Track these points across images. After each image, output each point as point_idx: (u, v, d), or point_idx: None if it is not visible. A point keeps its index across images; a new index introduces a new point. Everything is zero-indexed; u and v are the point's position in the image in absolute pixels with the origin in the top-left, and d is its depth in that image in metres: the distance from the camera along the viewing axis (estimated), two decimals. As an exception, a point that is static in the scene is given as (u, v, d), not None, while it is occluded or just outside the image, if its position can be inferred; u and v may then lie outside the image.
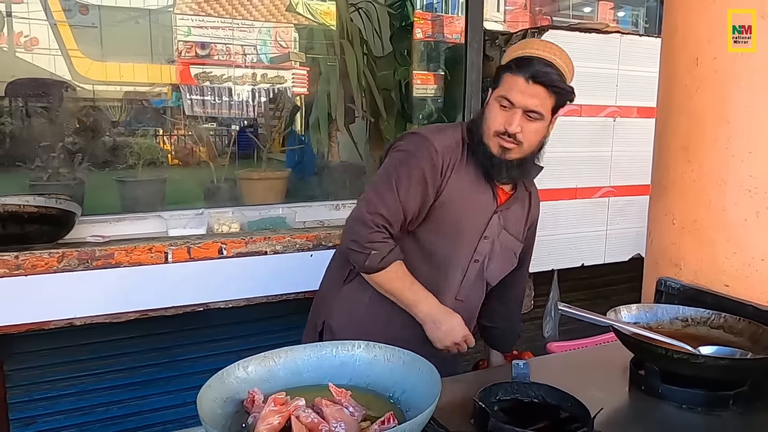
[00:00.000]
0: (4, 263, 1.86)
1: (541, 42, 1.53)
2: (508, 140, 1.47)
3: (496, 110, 1.48)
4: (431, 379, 1.00)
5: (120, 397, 2.85)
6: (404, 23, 3.00)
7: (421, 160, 1.48)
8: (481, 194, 1.56)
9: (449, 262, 1.57)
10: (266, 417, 0.91)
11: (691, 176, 1.58)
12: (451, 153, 1.52)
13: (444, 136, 1.54)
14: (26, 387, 2.66)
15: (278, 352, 1.12)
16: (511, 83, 1.45)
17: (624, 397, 1.29)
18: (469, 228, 1.56)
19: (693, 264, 1.59)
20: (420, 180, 1.48)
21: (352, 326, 1.59)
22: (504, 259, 1.66)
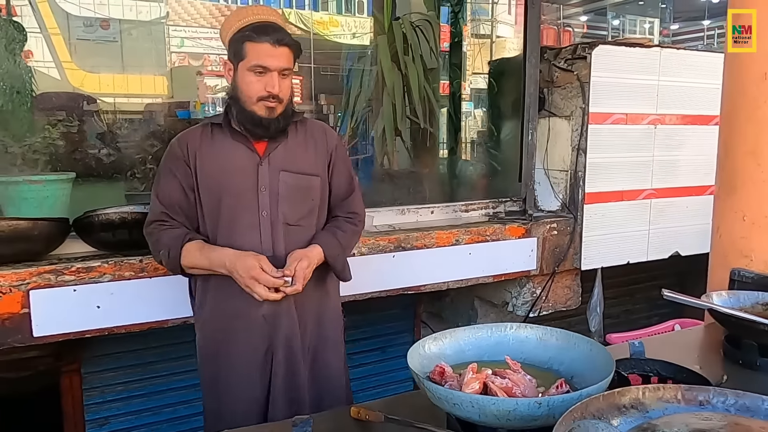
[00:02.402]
0: (130, 266, 2.03)
1: (258, 7, 1.66)
2: (272, 102, 1.59)
3: (253, 79, 1.58)
4: (591, 351, 1.19)
5: (187, 398, 2.99)
6: (456, 39, 3.20)
7: (165, 160, 1.68)
8: (237, 153, 1.64)
9: (238, 224, 1.64)
10: (469, 383, 1.09)
11: (760, 177, 1.79)
12: (192, 140, 1.65)
13: (184, 133, 1.70)
14: (101, 389, 2.80)
15: (444, 333, 1.30)
16: (258, 51, 1.56)
17: (723, 370, 1.48)
18: (238, 188, 1.63)
19: (764, 255, 1.80)
20: (168, 173, 1.66)
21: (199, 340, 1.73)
22: (294, 199, 1.68)
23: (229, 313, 1.68)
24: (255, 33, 1.57)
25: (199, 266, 1.63)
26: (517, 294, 3.05)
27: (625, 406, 0.92)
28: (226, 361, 1.68)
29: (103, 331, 2.05)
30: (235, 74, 1.62)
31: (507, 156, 3.18)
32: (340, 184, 1.80)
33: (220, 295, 1.68)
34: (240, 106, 1.62)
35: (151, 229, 1.68)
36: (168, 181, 1.66)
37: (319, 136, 1.76)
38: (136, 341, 2.70)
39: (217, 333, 1.70)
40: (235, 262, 1.56)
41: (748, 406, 0.89)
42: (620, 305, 3.84)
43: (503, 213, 3.02)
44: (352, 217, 1.82)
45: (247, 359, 1.68)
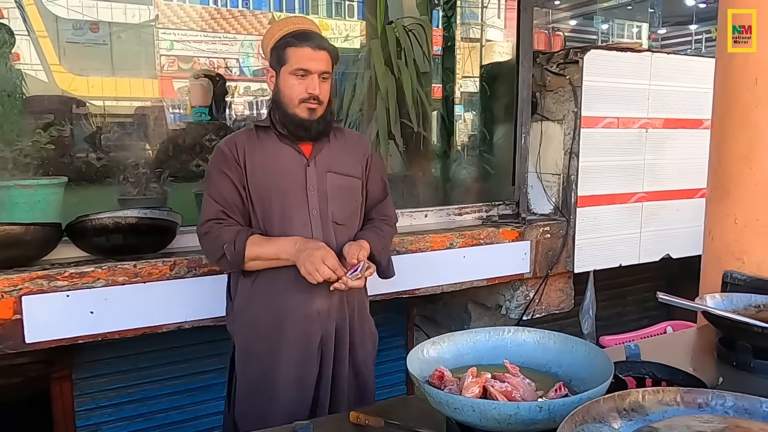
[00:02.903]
0: (124, 271, 2.01)
1: (298, 17, 1.81)
2: (313, 103, 1.68)
3: (295, 82, 1.67)
4: (589, 354, 1.20)
5: (179, 403, 2.98)
6: (449, 43, 3.22)
7: (215, 162, 1.73)
8: (285, 155, 1.72)
9: (290, 221, 1.70)
10: (469, 387, 1.10)
11: (752, 181, 1.81)
12: (240, 141, 1.72)
13: (231, 136, 1.78)
14: (93, 395, 2.78)
15: (443, 338, 1.30)
16: (300, 55, 1.66)
17: (717, 372, 1.49)
18: (288, 187, 1.71)
19: (756, 258, 1.82)
20: (220, 173, 1.70)
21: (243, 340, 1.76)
22: (342, 199, 1.77)
23: (283, 310, 1.71)
24: (296, 39, 1.67)
25: (265, 255, 1.67)
26: (510, 297, 3.07)
27: (625, 409, 0.92)
28: (277, 358, 1.71)
29: (97, 337, 2.03)
30: (278, 79, 1.71)
31: (500, 159, 3.20)
32: (375, 189, 1.89)
33: (272, 292, 1.71)
34: (283, 110, 1.70)
35: (207, 228, 1.69)
36: (221, 181, 1.70)
37: (357, 143, 1.87)
38: (128, 346, 2.67)
39: (271, 331, 1.71)
40: (307, 244, 1.64)
41: (747, 408, 0.90)
42: (611, 308, 3.87)
43: (497, 216, 3.03)
44: (387, 219, 1.91)
45: (302, 355, 1.72)
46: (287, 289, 1.70)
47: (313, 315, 1.72)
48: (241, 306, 1.75)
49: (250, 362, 1.74)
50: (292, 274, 1.66)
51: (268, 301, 1.72)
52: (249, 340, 1.75)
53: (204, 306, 2.13)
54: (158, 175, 2.50)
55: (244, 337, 1.76)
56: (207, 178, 1.75)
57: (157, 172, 2.52)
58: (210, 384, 3.01)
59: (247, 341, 1.75)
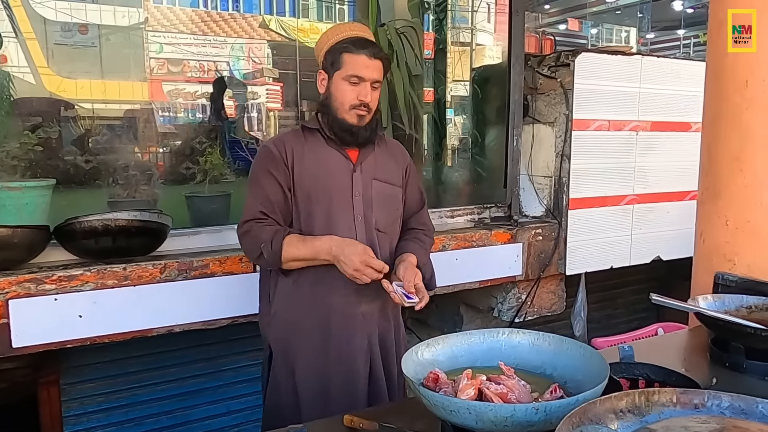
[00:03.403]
0: (113, 274, 1.99)
1: (354, 24, 1.81)
2: (363, 110, 1.67)
3: (347, 88, 1.66)
4: (584, 355, 1.19)
5: (169, 408, 2.94)
6: (441, 46, 3.22)
7: (262, 161, 1.71)
8: (334, 159, 1.72)
9: (335, 226, 1.69)
10: (464, 389, 1.09)
11: (743, 182, 1.82)
12: (288, 142, 1.71)
13: (279, 136, 1.78)
14: (81, 400, 2.74)
15: (437, 340, 1.29)
16: (356, 62, 1.65)
17: (710, 373, 1.50)
18: (334, 191, 1.70)
19: (746, 259, 1.83)
20: (266, 173, 1.68)
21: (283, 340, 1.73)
22: (386, 207, 1.78)
23: (329, 309, 1.71)
24: (353, 45, 1.66)
25: (302, 256, 1.65)
26: (502, 299, 3.07)
27: (622, 410, 0.92)
28: (326, 360, 1.71)
29: (86, 341, 2.01)
30: (329, 83, 1.70)
31: (492, 162, 3.20)
32: (413, 199, 1.90)
33: (318, 292, 1.70)
34: (332, 114, 1.69)
35: (248, 227, 1.68)
36: (267, 181, 1.69)
37: (398, 151, 1.87)
38: (117, 351, 2.64)
39: (316, 330, 1.71)
40: (343, 246, 1.62)
41: (743, 409, 0.90)
42: (601, 310, 3.88)
43: (489, 219, 3.03)
44: (425, 229, 1.91)
45: (350, 356, 1.72)
46: (333, 291, 1.70)
47: (358, 317, 1.73)
48: (281, 305, 1.73)
49: (295, 361, 1.73)
50: (336, 274, 1.65)
51: (314, 301, 1.71)
52: (291, 339, 1.73)
53: (195, 309, 2.11)
54: (148, 177, 2.47)
55: (284, 336, 1.74)
56: (252, 177, 1.73)
57: (146, 174, 2.50)
58: (201, 388, 2.98)
59: (288, 341, 1.73)
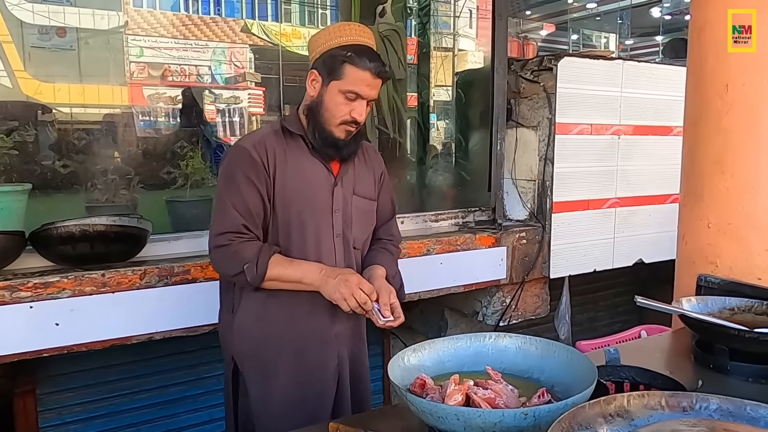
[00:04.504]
0: (92, 281, 1.94)
1: (360, 27, 1.61)
2: (353, 126, 1.57)
3: (342, 102, 1.53)
4: (571, 359, 1.19)
5: (150, 417, 2.89)
6: (424, 50, 3.22)
7: (240, 165, 1.54)
8: (316, 172, 1.61)
9: (312, 243, 1.61)
10: (451, 394, 1.07)
11: (725, 185, 1.83)
12: (269, 145, 1.56)
13: (255, 135, 1.61)
14: (58, 410, 2.68)
15: (423, 345, 1.28)
16: (359, 78, 1.52)
17: (695, 375, 1.50)
18: (316, 207, 1.61)
19: (729, 261, 1.84)
20: (246, 181, 1.53)
21: (252, 355, 1.64)
22: (363, 223, 1.71)
23: (304, 330, 1.64)
24: (358, 57, 1.51)
25: (286, 278, 1.55)
26: (487, 303, 3.06)
27: (611, 414, 0.91)
28: (297, 377, 1.64)
29: (62, 350, 1.96)
30: (323, 89, 1.56)
31: (476, 166, 3.21)
32: (385, 209, 1.82)
33: (295, 312, 1.63)
34: (320, 125, 1.57)
35: (226, 240, 1.53)
36: (247, 188, 1.54)
37: (374, 159, 1.77)
38: (96, 359, 2.59)
39: (286, 350, 1.63)
40: (333, 270, 1.55)
41: (731, 411, 0.90)
42: (584, 313, 3.91)
43: (473, 222, 3.03)
44: (393, 239, 1.84)
45: (321, 376, 1.66)
46: (308, 312, 1.62)
47: (332, 338, 1.67)
48: (248, 320, 1.63)
49: (264, 376, 1.65)
50: (310, 294, 1.58)
51: (287, 321, 1.63)
52: (260, 355, 1.65)
53: (175, 316, 2.07)
54: (128, 181, 2.43)
55: (251, 352, 1.65)
56: (228, 181, 1.56)
57: (126, 179, 2.45)
58: (182, 397, 2.94)
59: (257, 357, 1.65)
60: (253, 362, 1.66)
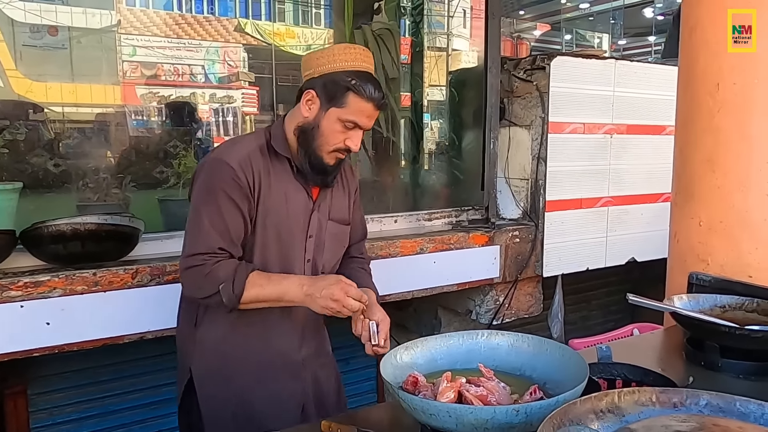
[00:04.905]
0: (83, 280, 1.93)
1: (365, 52, 1.54)
2: (344, 154, 1.54)
3: (338, 129, 1.48)
4: (563, 356, 1.19)
5: (142, 417, 2.88)
6: (418, 49, 3.22)
7: (222, 184, 1.45)
8: (296, 196, 1.56)
9: (285, 268, 1.56)
10: (443, 392, 1.08)
11: (716, 184, 1.84)
12: (255, 165, 1.49)
13: (238, 149, 1.51)
14: (49, 410, 2.67)
15: (416, 343, 1.28)
16: (361, 109, 1.46)
17: (686, 372, 1.51)
18: (294, 233, 1.56)
19: (720, 259, 1.85)
20: (228, 201, 1.46)
21: (213, 372, 1.58)
22: (334, 248, 1.67)
23: (270, 354, 1.60)
24: (363, 87, 1.45)
25: (264, 297, 1.48)
26: (480, 302, 3.07)
27: (602, 410, 0.91)
28: (259, 397, 1.59)
29: (53, 350, 1.94)
30: (320, 113, 1.48)
31: (469, 165, 3.21)
32: (357, 228, 1.78)
33: (261, 334, 1.58)
34: (312, 150, 1.50)
35: (199, 261, 1.44)
36: (228, 210, 1.46)
37: (349, 180, 1.72)
38: (87, 359, 2.58)
39: (252, 371, 1.59)
40: (315, 280, 1.49)
41: (721, 407, 0.90)
42: (577, 312, 3.92)
43: (466, 221, 3.03)
44: (365, 259, 1.81)
45: (287, 398, 1.63)
46: (277, 334, 1.58)
47: (299, 361, 1.65)
48: (211, 336, 1.57)
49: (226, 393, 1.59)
50: (279, 316, 1.56)
51: (256, 342, 1.58)
52: (222, 374, 1.58)
53: (168, 316, 2.04)
54: (120, 180, 2.42)
55: (213, 368, 1.58)
56: (208, 197, 1.46)
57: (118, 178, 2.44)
58: (174, 397, 2.89)
59: (219, 376, 1.58)
60: (209, 376, 1.58)
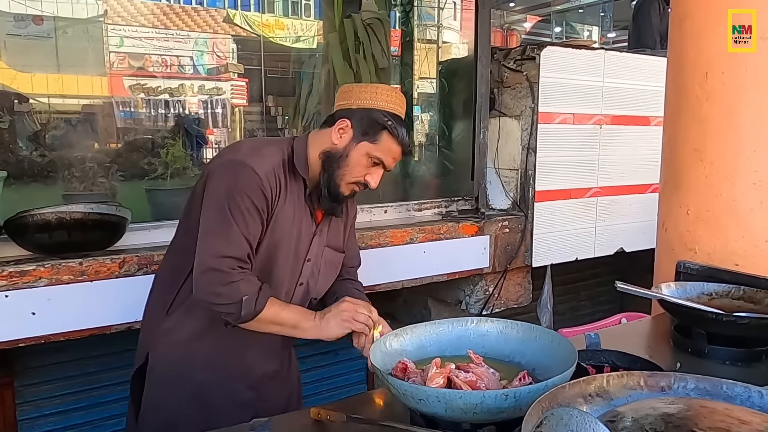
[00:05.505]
0: (69, 270, 1.91)
1: (401, 96, 1.56)
2: (360, 188, 1.54)
3: (364, 164, 1.49)
4: (552, 342, 1.19)
5: (130, 409, 2.86)
6: (408, 38, 3.21)
7: (249, 189, 1.42)
8: (303, 218, 1.54)
9: (278, 291, 1.53)
10: (433, 377, 1.08)
11: (703, 173, 1.86)
12: (276, 177, 1.46)
13: (264, 160, 1.46)
14: (36, 402, 2.65)
15: (405, 330, 1.28)
16: (391, 149, 1.48)
17: (674, 359, 1.52)
18: (295, 255, 1.55)
19: (707, 248, 1.87)
20: (254, 210, 1.42)
21: (173, 365, 1.53)
22: (328, 275, 1.66)
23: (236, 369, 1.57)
24: (398, 129, 1.47)
25: (281, 321, 1.46)
26: (470, 292, 3.08)
27: (590, 394, 0.92)
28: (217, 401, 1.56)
29: (39, 340, 1.92)
30: (351, 144, 1.48)
31: (459, 155, 3.21)
32: (352, 255, 1.75)
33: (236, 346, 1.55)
34: (334, 178, 1.49)
35: (226, 267, 1.39)
36: (253, 218, 1.42)
37: (349, 205, 1.69)
38: (75, 351, 2.56)
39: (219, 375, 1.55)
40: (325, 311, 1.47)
41: (708, 390, 0.91)
42: (565, 303, 3.95)
43: (456, 212, 3.03)
44: (360, 283, 1.78)
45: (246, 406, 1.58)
46: (248, 346, 1.55)
47: (263, 380, 1.61)
48: (181, 334, 1.52)
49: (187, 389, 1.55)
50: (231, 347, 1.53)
51: (226, 352, 1.54)
52: (186, 372, 1.54)
53: (156, 305, 2.04)
54: (106, 170, 2.38)
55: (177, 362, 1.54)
56: (236, 201, 1.40)
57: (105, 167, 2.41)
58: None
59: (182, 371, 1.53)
60: (172, 369, 1.54)
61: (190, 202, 1.55)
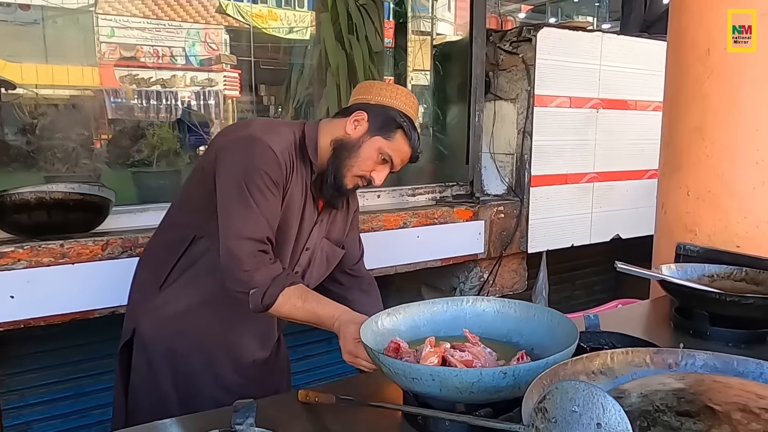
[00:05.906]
0: (50, 252, 1.84)
1: (417, 106, 1.57)
2: (363, 183, 1.52)
3: (374, 159, 1.48)
4: (551, 321, 1.14)
5: (117, 397, 2.81)
6: (402, 20, 3.14)
7: (266, 165, 1.38)
8: (307, 204, 1.52)
9: None
10: (427, 357, 1.02)
11: (705, 153, 1.81)
12: (289, 158, 1.44)
13: (279, 138, 1.43)
14: (21, 392, 2.59)
15: (398, 309, 1.22)
16: (402, 149, 1.49)
17: (675, 340, 1.48)
18: (296, 241, 1.52)
19: (707, 229, 1.82)
20: (271, 185, 1.39)
21: (163, 333, 1.49)
22: (323, 267, 1.63)
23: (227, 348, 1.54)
24: (411, 131, 1.48)
25: (299, 320, 1.41)
26: (464, 279, 3.03)
27: (593, 371, 0.87)
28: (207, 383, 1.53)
29: (19, 324, 1.85)
30: (365, 136, 1.47)
31: (453, 140, 3.15)
32: (354, 247, 1.73)
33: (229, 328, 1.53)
34: (342, 167, 1.47)
35: (242, 252, 1.35)
36: (272, 196, 1.39)
37: (352, 201, 1.68)
38: (60, 338, 2.49)
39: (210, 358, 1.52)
40: (343, 324, 1.34)
41: (718, 367, 0.86)
42: (560, 291, 3.90)
43: (450, 197, 2.98)
44: (371, 279, 1.77)
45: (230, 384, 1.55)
46: (242, 332, 1.53)
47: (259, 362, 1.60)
48: (175, 308, 1.49)
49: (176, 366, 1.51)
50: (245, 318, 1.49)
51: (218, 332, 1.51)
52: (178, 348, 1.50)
53: (141, 289, 1.98)
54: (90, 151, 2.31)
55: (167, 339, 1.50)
56: (252, 176, 1.37)
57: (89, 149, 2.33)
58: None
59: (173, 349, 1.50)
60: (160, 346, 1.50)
61: (191, 178, 1.53)
